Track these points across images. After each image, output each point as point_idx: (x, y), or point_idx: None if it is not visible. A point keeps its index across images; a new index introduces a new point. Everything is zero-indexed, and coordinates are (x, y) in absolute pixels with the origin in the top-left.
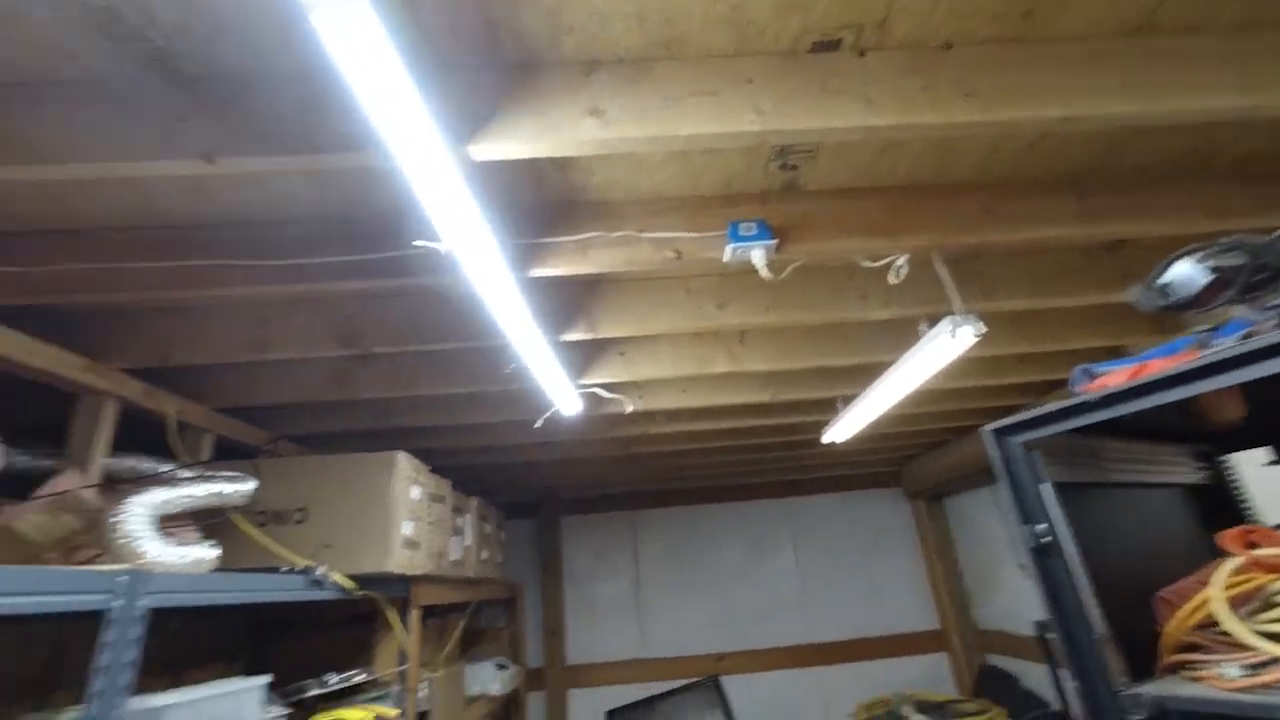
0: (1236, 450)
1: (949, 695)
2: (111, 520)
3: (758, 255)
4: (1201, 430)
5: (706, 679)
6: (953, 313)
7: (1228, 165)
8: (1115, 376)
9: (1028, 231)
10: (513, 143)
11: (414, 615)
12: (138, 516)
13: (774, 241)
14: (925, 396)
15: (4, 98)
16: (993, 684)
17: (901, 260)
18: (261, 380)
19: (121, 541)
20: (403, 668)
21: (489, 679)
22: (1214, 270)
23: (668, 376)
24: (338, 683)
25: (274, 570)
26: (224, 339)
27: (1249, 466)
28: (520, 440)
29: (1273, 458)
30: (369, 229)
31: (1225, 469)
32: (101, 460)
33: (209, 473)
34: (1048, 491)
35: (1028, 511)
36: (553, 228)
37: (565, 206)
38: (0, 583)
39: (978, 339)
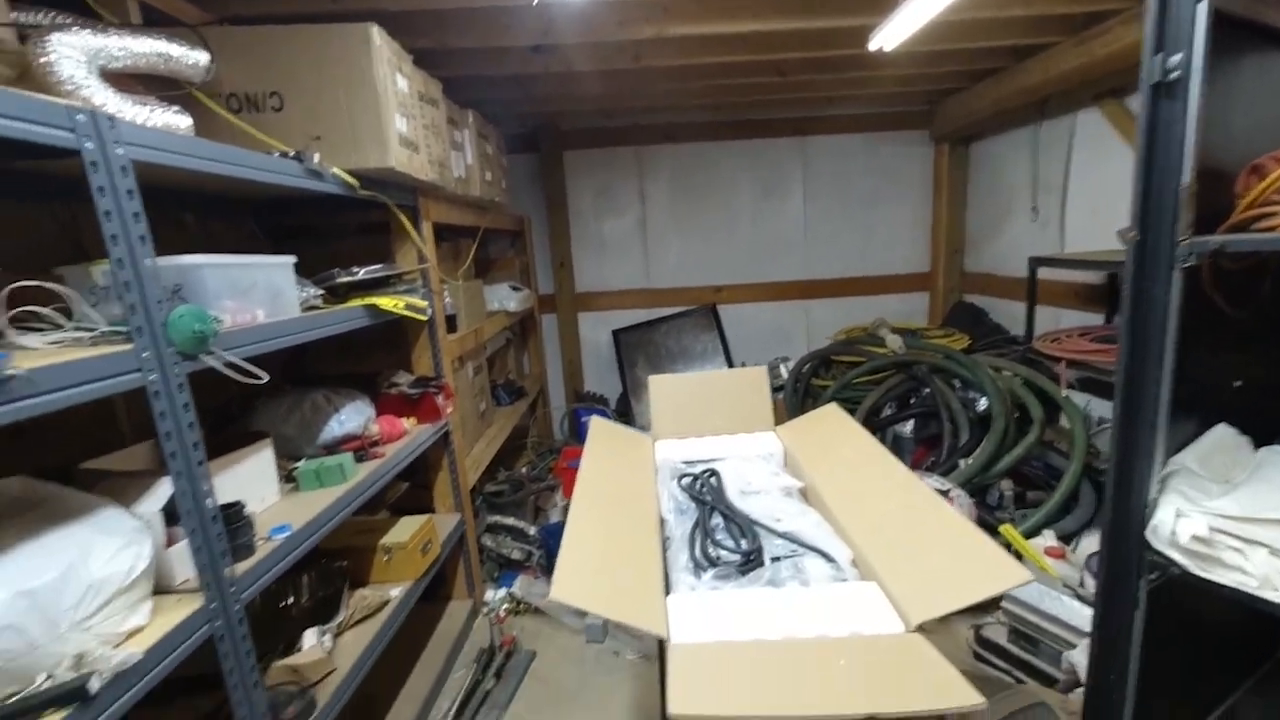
0: None
1: (921, 324)
2: (41, 63)
3: None
4: None
5: (704, 307)
6: None
7: None
8: None
9: None
10: None
11: (426, 227)
12: (72, 60)
13: None
14: None
15: None
16: (961, 316)
17: None
18: None
19: (65, 89)
20: (423, 266)
21: (505, 297)
22: None
23: None
24: (364, 274)
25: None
26: None
27: None
28: (516, 41)
29: None
30: None
31: None
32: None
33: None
34: (1203, 13)
35: (1164, 37)
36: None
37: None
38: None
39: None
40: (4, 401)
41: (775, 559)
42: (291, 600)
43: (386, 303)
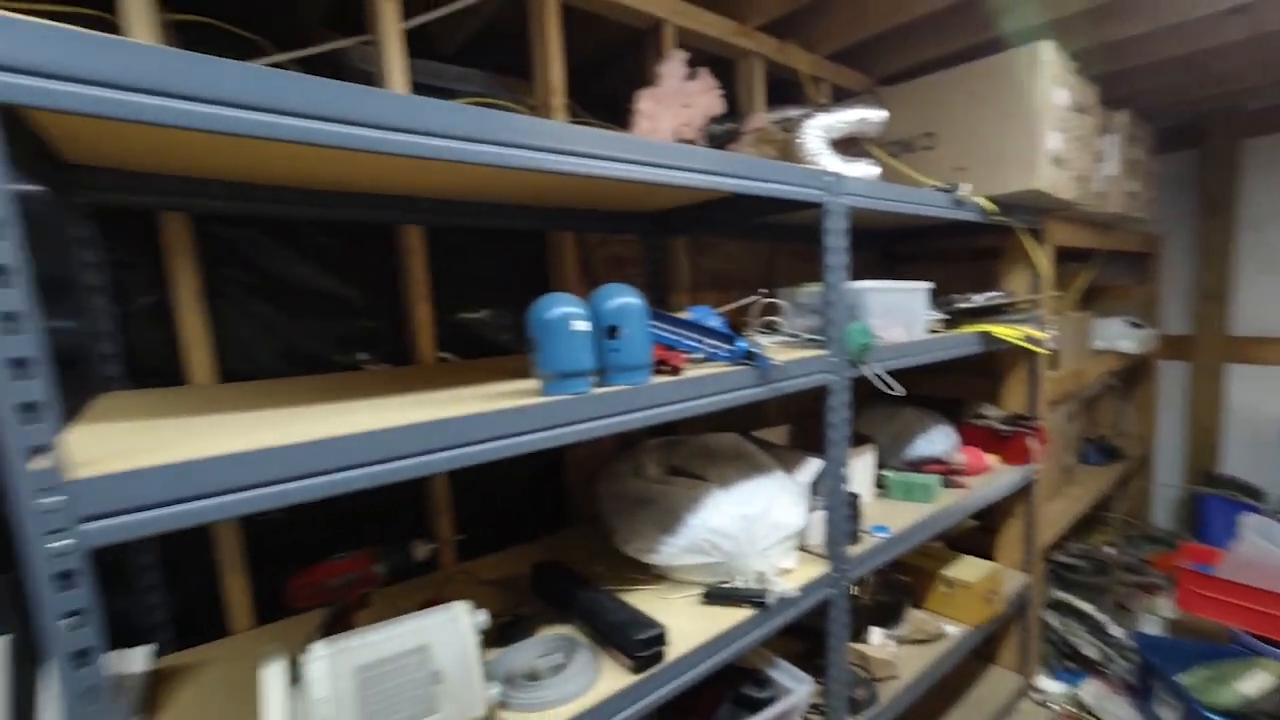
0: None
1: None
2: (798, 143)
3: None
4: None
5: None
6: None
7: None
8: None
9: None
10: None
11: (1047, 251)
12: (814, 138)
13: None
14: None
15: None
16: None
17: None
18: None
19: (809, 160)
20: (1043, 295)
21: (1118, 335)
22: None
23: None
24: (982, 301)
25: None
26: None
27: None
28: (1201, 10)
29: None
30: None
31: None
32: (766, 111)
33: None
34: None
35: None
36: None
37: None
38: (756, 170)
39: None
40: (775, 381)
41: None
42: (859, 593)
43: (1005, 332)
